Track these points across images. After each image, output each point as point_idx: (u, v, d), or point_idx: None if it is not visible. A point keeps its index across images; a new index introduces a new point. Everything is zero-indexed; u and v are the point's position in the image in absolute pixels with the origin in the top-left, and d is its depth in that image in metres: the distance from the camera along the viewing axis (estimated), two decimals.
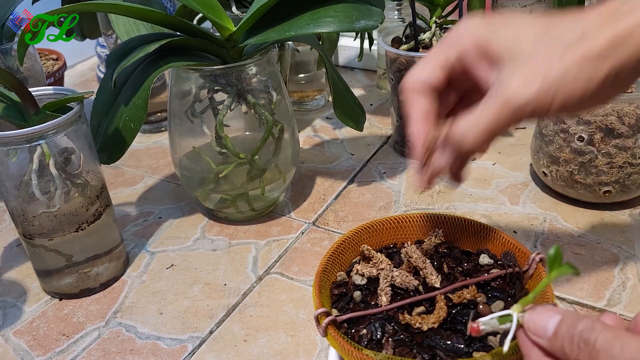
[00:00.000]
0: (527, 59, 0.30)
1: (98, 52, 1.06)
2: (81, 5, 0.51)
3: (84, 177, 0.55)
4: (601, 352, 0.25)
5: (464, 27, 0.34)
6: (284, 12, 0.56)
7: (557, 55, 0.30)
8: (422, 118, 0.35)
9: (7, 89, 0.53)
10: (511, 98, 0.30)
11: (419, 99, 0.35)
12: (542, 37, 0.31)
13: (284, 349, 0.51)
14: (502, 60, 0.32)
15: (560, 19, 0.31)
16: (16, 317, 0.57)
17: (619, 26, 0.29)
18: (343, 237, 0.42)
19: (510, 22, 0.32)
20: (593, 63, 0.29)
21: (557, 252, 0.29)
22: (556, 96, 0.30)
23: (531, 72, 0.30)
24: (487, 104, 0.31)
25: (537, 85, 0.30)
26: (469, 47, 0.33)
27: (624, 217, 0.64)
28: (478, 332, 0.30)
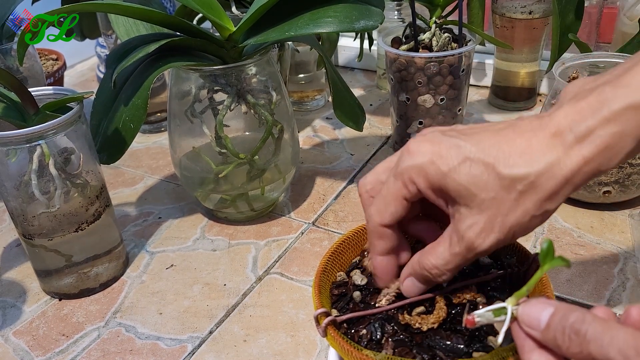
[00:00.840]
0: (484, 208, 0.32)
1: (98, 52, 1.06)
2: (81, 5, 0.51)
3: (83, 177, 0.55)
4: (591, 342, 0.26)
5: (415, 165, 0.33)
6: (283, 12, 0.56)
7: (512, 204, 0.31)
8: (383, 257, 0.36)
9: (7, 89, 0.53)
10: (474, 245, 0.32)
11: (381, 244, 0.36)
12: (494, 184, 0.31)
13: (284, 349, 0.51)
14: (456, 202, 0.33)
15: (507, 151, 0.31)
16: (16, 317, 0.57)
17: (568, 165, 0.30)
18: (343, 237, 0.42)
19: (458, 159, 0.32)
20: (545, 204, 0.31)
21: (550, 246, 0.30)
22: (515, 234, 0.32)
23: (489, 221, 0.32)
24: (453, 248, 0.33)
25: (496, 233, 0.32)
26: (424, 187, 0.33)
27: (624, 217, 0.64)
28: (473, 324, 0.31)
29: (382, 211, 0.35)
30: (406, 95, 0.74)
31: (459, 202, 0.32)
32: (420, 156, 0.33)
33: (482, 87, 0.97)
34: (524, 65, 0.86)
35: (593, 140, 0.30)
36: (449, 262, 0.34)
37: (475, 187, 0.31)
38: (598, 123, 0.29)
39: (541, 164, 0.30)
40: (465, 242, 0.32)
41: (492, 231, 0.32)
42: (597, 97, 0.30)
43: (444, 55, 0.70)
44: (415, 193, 0.34)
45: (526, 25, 0.82)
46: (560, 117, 0.31)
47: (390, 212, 0.35)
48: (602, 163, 0.30)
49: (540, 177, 0.30)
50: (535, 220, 0.32)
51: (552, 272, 0.57)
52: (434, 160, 0.32)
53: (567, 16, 0.70)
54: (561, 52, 0.72)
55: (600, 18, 0.88)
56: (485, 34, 0.74)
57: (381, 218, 0.35)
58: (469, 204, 0.32)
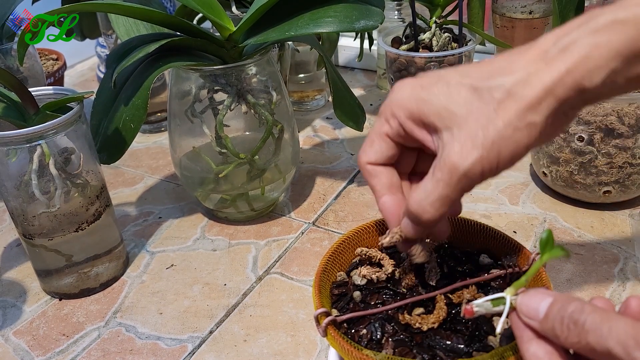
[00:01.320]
0: (462, 124, 0.30)
1: (98, 52, 1.06)
2: (81, 5, 0.51)
3: (83, 177, 0.55)
4: (590, 332, 0.26)
5: (396, 98, 0.33)
6: (283, 12, 0.56)
7: (491, 114, 0.30)
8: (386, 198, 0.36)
9: (7, 89, 0.53)
10: (455, 166, 0.30)
11: (375, 181, 0.36)
12: (472, 97, 0.30)
13: (284, 349, 0.51)
14: (438, 129, 0.32)
15: (488, 71, 0.31)
16: (16, 317, 0.57)
17: (548, 74, 0.29)
18: (343, 237, 0.42)
19: (438, 84, 0.32)
20: (528, 115, 0.29)
21: (549, 236, 0.30)
22: (501, 152, 0.30)
23: (469, 136, 0.30)
24: (435, 175, 0.31)
25: (479, 147, 0.30)
26: (404, 119, 0.33)
27: (624, 217, 0.64)
28: (472, 313, 0.31)
29: (367, 150, 0.36)
30: None
31: (439, 127, 0.31)
32: (402, 90, 0.33)
33: None
34: None
35: (574, 50, 0.29)
36: (431, 192, 0.32)
37: (452, 104, 0.31)
38: (582, 34, 0.29)
39: (518, 74, 0.30)
40: (447, 165, 0.31)
41: (473, 147, 0.30)
42: (585, 15, 0.29)
43: (444, 55, 0.70)
44: (397, 127, 0.34)
45: (526, 25, 0.82)
46: (547, 38, 0.30)
47: (375, 150, 0.35)
48: (585, 75, 0.28)
49: (517, 85, 0.29)
50: (520, 134, 0.30)
51: (552, 272, 0.57)
52: (415, 90, 0.32)
53: (567, 16, 0.70)
54: None
55: None
56: (485, 34, 0.74)
57: (366, 156, 0.36)
58: (449, 125, 0.31)
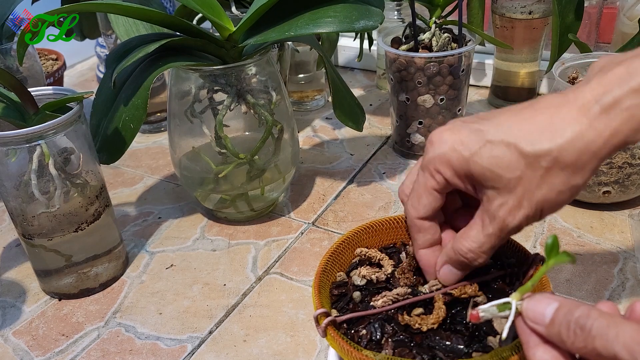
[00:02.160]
0: (511, 188, 0.32)
1: (97, 52, 1.06)
2: (81, 5, 0.51)
3: (83, 177, 0.55)
4: (597, 338, 0.26)
5: (438, 154, 0.34)
6: (283, 12, 0.56)
7: (538, 181, 0.31)
8: (427, 250, 0.37)
9: (7, 89, 0.53)
10: (506, 223, 0.33)
11: (421, 236, 0.37)
12: (519, 163, 0.31)
13: (284, 349, 0.51)
14: (484, 186, 0.33)
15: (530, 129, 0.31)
16: (15, 317, 0.57)
17: (592, 137, 0.30)
18: (343, 238, 0.42)
19: (481, 145, 0.32)
20: (572, 179, 0.31)
21: (555, 241, 0.30)
22: (544, 210, 0.32)
23: (517, 199, 0.32)
24: (486, 229, 0.34)
25: (525, 209, 0.32)
26: (450, 176, 0.34)
27: (623, 217, 0.64)
28: (477, 319, 0.31)
29: (416, 205, 0.36)
30: (406, 95, 0.74)
31: (486, 185, 0.33)
32: (443, 145, 0.33)
33: (482, 87, 0.97)
34: (523, 65, 0.86)
35: (619, 111, 0.29)
36: (484, 243, 0.34)
37: (499, 168, 0.32)
38: (625, 93, 0.29)
39: (564, 137, 0.30)
40: (497, 221, 0.33)
41: (520, 208, 0.32)
42: (625, 68, 0.29)
43: (443, 55, 0.70)
44: (443, 183, 0.34)
45: (526, 26, 0.82)
46: (586, 91, 0.30)
47: (424, 205, 0.36)
48: (629, 135, 0.29)
49: (563, 151, 0.30)
50: (563, 196, 0.32)
51: (552, 272, 0.57)
52: (456, 147, 0.33)
53: (567, 16, 0.70)
54: (561, 52, 0.72)
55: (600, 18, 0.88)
56: (485, 34, 0.74)
57: (416, 212, 0.36)
58: (495, 186, 0.32)
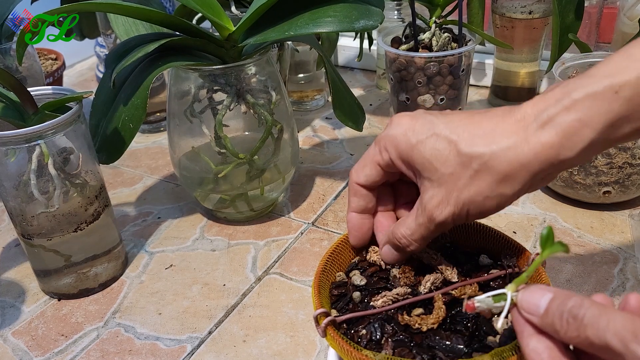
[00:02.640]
0: (443, 181, 0.34)
1: (97, 51, 1.06)
2: (81, 5, 0.51)
3: (82, 177, 0.55)
4: (588, 326, 0.26)
5: (391, 134, 0.36)
6: (283, 11, 0.56)
7: (467, 181, 0.33)
8: (356, 215, 0.40)
9: (6, 89, 0.53)
10: (433, 216, 0.35)
11: (355, 200, 0.40)
12: (455, 160, 0.33)
13: (283, 350, 0.51)
14: (421, 175, 0.35)
15: (474, 133, 0.33)
16: (15, 317, 0.57)
17: (524, 150, 0.31)
18: (343, 238, 0.42)
19: (429, 136, 0.34)
20: (499, 187, 0.33)
21: (549, 232, 0.30)
22: (470, 211, 0.34)
23: (446, 194, 0.34)
24: (417, 219, 0.36)
25: (451, 206, 0.34)
26: (394, 156, 0.36)
27: (623, 217, 0.64)
28: (473, 309, 0.31)
29: (359, 171, 0.39)
30: (406, 95, 0.74)
31: (424, 175, 0.35)
32: (397, 127, 0.36)
33: (482, 87, 0.97)
34: (523, 65, 0.86)
35: (552, 127, 0.31)
36: (415, 232, 0.36)
37: (436, 161, 0.34)
38: (558, 111, 0.31)
39: (498, 145, 0.32)
40: (426, 212, 0.35)
41: (447, 204, 0.34)
42: (562, 88, 0.31)
43: (443, 55, 0.70)
44: (387, 160, 0.37)
45: (526, 25, 0.82)
46: (528, 106, 0.32)
47: (365, 174, 0.39)
48: (561, 152, 0.31)
49: (494, 158, 0.32)
50: (490, 202, 0.33)
51: (552, 272, 0.57)
52: (407, 132, 0.35)
53: (567, 16, 0.70)
54: (561, 52, 0.72)
55: (600, 18, 0.88)
56: (485, 34, 0.74)
57: (357, 177, 0.39)
58: (431, 177, 0.34)
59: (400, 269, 0.39)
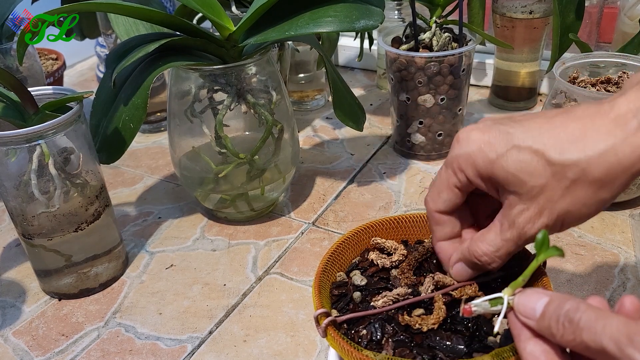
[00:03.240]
0: (534, 194, 0.31)
1: (97, 51, 1.06)
2: (81, 5, 0.51)
3: (83, 177, 0.55)
4: (584, 330, 0.26)
5: (464, 153, 0.33)
6: (283, 11, 0.56)
7: (563, 192, 0.31)
8: (444, 242, 0.38)
9: (7, 89, 0.53)
10: (524, 231, 0.32)
11: (439, 229, 0.37)
12: (545, 172, 0.31)
13: (284, 350, 0.51)
14: (506, 190, 0.32)
15: (561, 138, 0.30)
16: (15, 317, 0.57)
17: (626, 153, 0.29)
18: (343, 238, 0.42)
19: (509, 148, 0.32)
20: (599, 194, 0.30)
21: (544, 236, 0.30)
22: (565, 222, 0.32)
23: (538, 208, 0.32)
24: (504, 234, 0.33)
25: (545, 219, 0.32)
26: (472, 176, 0.34)
27: (624, 217, 0.64)
28: (470, 313, 0.31)
29: (435, 198, 0.36)
30: (406, 95, 0.74)
31: (509, 190, 0.32)
32: (469, 144, 0.33)
33: (482, 86, 0.97)
34: (524, 65, 0.86)
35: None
36: (500, 248, 0.34)
37: (524, 174, 0.31)
38: None
39: (595, 150, 0.29)
40: (516, 228, 0.33)
41: (540, 216, 0.32)
42: None
43: (444, 55, 0.70)
44: (465, 181, 0.34)
45: (526, 25, 0.82)
46: (622, 103, 0.29)
47: (443, 200, 0.36)
48: None
49: (592, 164, 0.29)
50: (588, 209, 0.31)
51: (553, 272, 0.57)
52: (482, 148, 0.32)
53: (567, 16, 0.70)
54: (562, 52, 0.72)
55: (600, 18, 0.88)
56: (485, 34, 0.74)
57: (435, 205, 0.36)
58: (518, 191, 0.32)
59: (399, 269, 0.39)
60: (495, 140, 0.32)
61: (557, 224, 0.32)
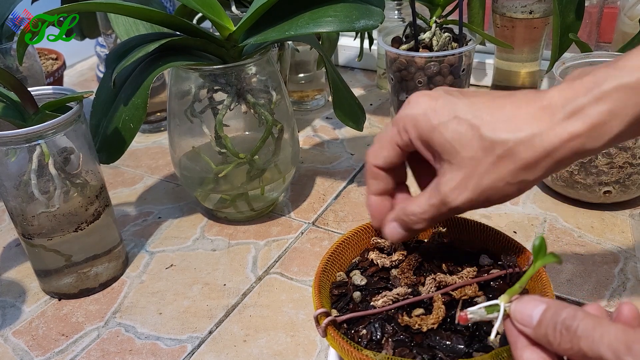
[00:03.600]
0: (462, 165, 0.33)
1: (97, 51, 1.06)
2: (81, 4, 0.51)
3: (83, 177, 0.55)
4: (582, 338, 0.26)
5: (411, 114, 0.35)
6: (283, 11, 0.56)
7: (489, 166, 0.32)
8: (376, 197, 0.39)
9: (7, 89, 0.53)
10: (447, 199, 0.34)
11: (374, 183, 0.39)
12: (477, 144, 0.32)
13: (284, 349, 0.51)
14: (441, 158, 0.34)
15: (497, 118, 0.32)
16: (15, 317, 0.57)
17: (551, 138, 0.31)
18: (343, 238, 0.42)
19: (451, 118, 0.33)
20: (522, 174, 0.32)
21: (542, 243, 0.30)
22: (489, 197, 0.33)
23: (464, 178, 0.33)
24: (430, 200, 0.35)
25: (470, 192, 0.33)
26: (414, 137, 0.35)
27: (624, 217, 0.64)
28: (466, 320, 0.31)
29: (377, 153, 0.38)
30: (406, 95, 0.74)
31: (443, 157, 0.34)
32: (417, 107, 0.35)
33: (482, 86, 0.97)
34: (524, 65, 0.86)
35: (581, 117, 0.30)
36: (426, 211, 0.36)
37: (457, 144, 0.33)
38: (588, 101, 0.30)
39: (523, 132, 0.31)
40: (441, 194, 0.34)
41: (465, 189, 0.33)
42: (592, 77, 0.31)
43: (444, 55, 0.70)
44: (406, 141, 0.36)
45: (526, 25, 0.82)
46: (554, 93, 0.32)
47: (383, 156, 0.37)
48: (587, 142, 0.31)
49: (519, 145, 0.31)
50: (511, 188, 0.33)
51: (553, 272, 0.57)
52: (428, 113, 0.34)
53: (567, 16, 0.70)
54: (562, 52, 0.72)
55: (600, 18, 0.88)
56: (485, 34, 0.74)
57: (375, 159, 0.38)
58: (450, 160, 0.33)
59: (399, 269, 0.39)
60: (440, 108, 0.34)
61: (480, 198, 0.33)
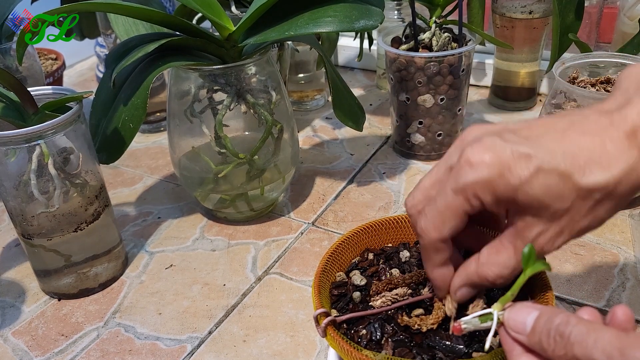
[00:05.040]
0: (556, 216, 0.31)
1: (97, 51, 1.06)
2: (81, 5, 0.51)
3: (82, 177, 0.55)
4: (575, 344, 0.26)
5: (481, 179, 0.30)
6: (283, 11, 0.56)
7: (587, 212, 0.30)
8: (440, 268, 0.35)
9: (7, 89, 0.53)
10: (543, 251, 0.32)
11: (439, 257, 0.34)
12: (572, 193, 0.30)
13: (283, 350, 0.51)
14: (524, 214, 0.31)
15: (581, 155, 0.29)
16: (15, 317, 0.57)
17: None
18: (342, 238, 0.42)
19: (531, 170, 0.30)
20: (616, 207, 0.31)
21: (531, 250, 0.30)
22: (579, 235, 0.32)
23: (559, 229, 0.31)
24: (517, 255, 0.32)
25: (564, 237, 0.31)
26: (490, 202, 0.31)
27: (624, 217, 0.64)
28: (460, 331, 0.31)
29: (440, 227, 0.33)
30: (406, 95, 0.74)
31: (527, 212, 0.31)
32: (485, 169, 0.30)
33: (482, 87, 0.97)
34: (524, 65, 0.86)
35: None
36: (516, 269, 0.33)
37: (549, 199, 0.30)
38: None
39: (618, 168, 0.29)
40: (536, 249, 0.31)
41: (560, 236, 0.31)
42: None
43: (444, 55, 0.70)
44: (478, 208, 0.32)
45: (526, 25, 0.82)
46: (634, 115, 0.29)
47: (450, 227, 0.33)
48: None
49: (617, 185, 0.29)
50: (603, 221, 0.31)
51: (552, 272, 0.57)
52: (503, 173, 0.30)
53: (567, 16, 0.70)
54: (561, 52, 0.72)
55: (600, 18, 0.88)
56: (485, 34, 0.74)
57: (439, 234, 0.33)
58: (538, 214, 0.31)
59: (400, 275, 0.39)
60: (514, 164, 0.30)
61: (575, 237, 0.32)
